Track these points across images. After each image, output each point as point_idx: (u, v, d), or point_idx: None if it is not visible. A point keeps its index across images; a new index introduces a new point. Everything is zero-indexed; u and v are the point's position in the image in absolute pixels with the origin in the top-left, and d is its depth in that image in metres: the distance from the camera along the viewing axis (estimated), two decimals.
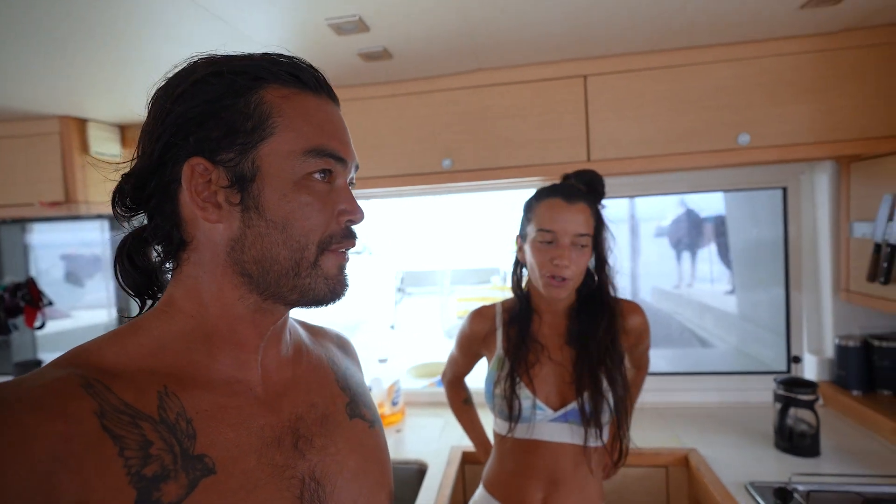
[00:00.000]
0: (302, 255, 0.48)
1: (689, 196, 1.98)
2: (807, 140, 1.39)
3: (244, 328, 0.50)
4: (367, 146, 1.58)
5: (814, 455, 1.40)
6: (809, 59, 1.37)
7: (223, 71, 0.46)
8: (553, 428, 1.06)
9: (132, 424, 0.41)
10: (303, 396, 0.54)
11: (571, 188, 1.07)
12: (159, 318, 0.48)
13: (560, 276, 1.03)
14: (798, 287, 1.78)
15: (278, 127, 0.46)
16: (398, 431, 1.77)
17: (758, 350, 1.97)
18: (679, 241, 2.06)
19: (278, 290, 0.49)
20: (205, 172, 0.46)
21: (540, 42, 1.31)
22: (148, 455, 0.41)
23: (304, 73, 0.49)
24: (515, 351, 1.09)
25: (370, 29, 1.15)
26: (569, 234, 1.02)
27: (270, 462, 0.47)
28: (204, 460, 0.43)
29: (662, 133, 1.44)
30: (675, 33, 1.30)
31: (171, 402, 0.44)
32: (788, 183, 1.75)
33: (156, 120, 0.47)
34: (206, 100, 0.45)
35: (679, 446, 1.50)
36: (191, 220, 0.48)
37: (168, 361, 0.46)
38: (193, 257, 0.48)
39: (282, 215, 0.47)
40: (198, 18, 1.03)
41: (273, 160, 0.46)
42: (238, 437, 0.46)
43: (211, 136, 0.45)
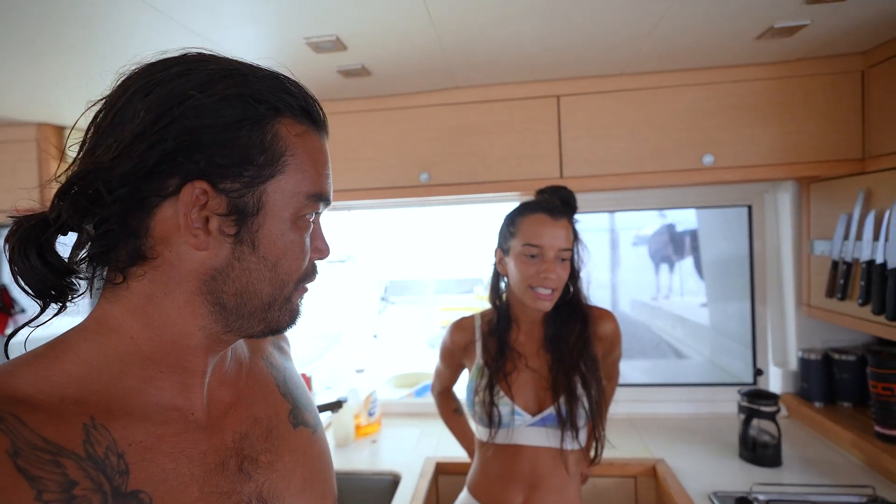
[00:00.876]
0: (281, 292, 0.47)
1: (667, 210, 2.05)
2: (767, 161, 1.46)
3: (196, 356, 0.47)
4: (347, 159, 1.60)
5: (776, 465, 1.45)
6: (768, 86, 1.44)
7: (244, 94, 0.43)
8: (531, 432, 1.10)
9: (52, 463, 0.37)
10: (246, 412, 0.52)
11: (553, 205, 1.12)
12: (87, 337, 0.43)
13: (548, 289, 1.08)
14: (763, 301, 1.84)
15: (288, 166, 0.45)
16: (374, 442, 1.78)
17: (728, 362, 2.02)
18: (657, 254, 2.12)
19: (247, 323, 0.47)
20: (202, 196, 0.42)
21: (513, 63, 1.36)
22: (72, 497, 0.37)
23: (312, 109, 0.48)
24: (494, 361, 1.14)
25: (348, 48, 1.18)
26: (554, 249, 1.08)
27: (215, 489, 0.45)
28: (139, 496, 0.40)
29: (632, 152, 1.50)
30: (643, 58, 1.36)
31: (100, 436, 0.40)
32: (753, 201, 1.82)
33: (154, 122, 0.41)
34: (225, 123, 0.42)
35: (648, 456, 1.54)
36: (163, 238, 0.43)
37: (95, 388, 0.41)
38: (151, 275, 0.44)
39: (275, 253, 0.46)
40: (177, 36, 1.05)
41: (278, 198, 0.45)
42: (178, 467, 0.43)
43: (220, 162, 0.42)
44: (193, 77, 0.42)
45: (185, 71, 0.43)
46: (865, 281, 1.35)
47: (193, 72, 0.43)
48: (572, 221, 1.14)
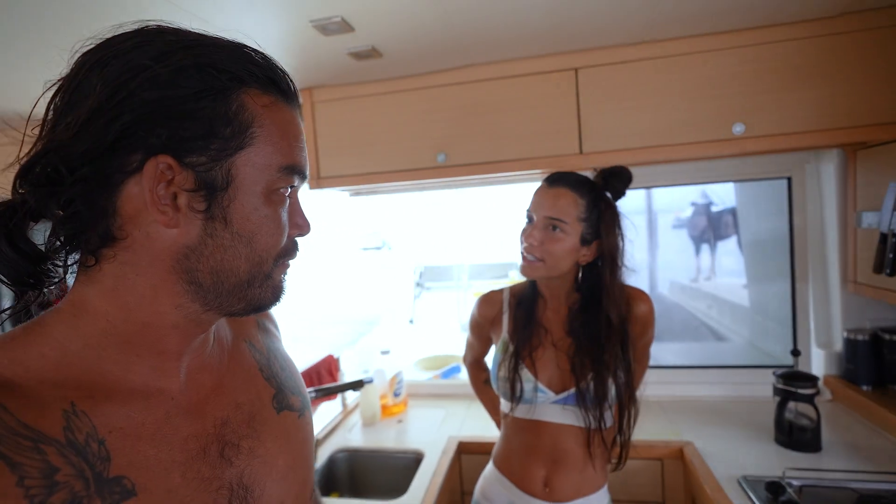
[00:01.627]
0: (260, 268, 0.46)
1: (709, 187, 1.94)
2: (807, 128, 1.36)
3: (172, 337, 0.46)
4: (363, 143, 1.61)
5: (814, 450, 1.37)
6: (806, 45, 1.33)
7: (204, 64, 0.42)
8: (554, 410, 1.09)
9: (33, 449, 0.36)
10: (227, 398, 0.51)
11: (564, 174, 1.08)
12: (63, 320, 0.43)
13: (530, 255, 1.06)
14: (804, 279, 1.73)
15: (257, 138, 0.43)
16: (399, 422, 1.82)
17: (768, 344, 1.92)
18: (696, 234, 2.03)
19: (227, 301, 0.46)
20: (168, 172, 0.41)
21: (526, 36, 1.32)
22: (54, 483, 0.36)
23: (281, 81, 0.46)
24: (520, 334, 1.13)
25: (355, 29, 1.18)
26: (540, 215, 1.06)
27: (197, 476, 0.45)
28: (122, 482, 0.40)
29: (655, 124, 1.43)
30: (665, 22, 1.29)
31: (80, 422, 0.39)
32: (793, 172, 1.70)
33: (111, 97, 0.39)
34: (184, 94, 0.41)
35: (676, 439, 1.49)
36: (131, 217, 0.42)
37: (74, 373, 0.41)
38: (122, 256, 0.43)
39: (249, 229, 0.44)
40: (182, 21, 1.08)
41: (248, 171, 0.43)
42: (159, 453, 0.43)
43: (183, 135, 0.41)
44: (150, 49, 0.41)
45: (142, 43, 0.41)
46: None
47: (150, 43, 0.41)
48: (587, 195, 1.06)
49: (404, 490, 1.37)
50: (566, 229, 1.04)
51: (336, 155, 1.65)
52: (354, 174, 1.63)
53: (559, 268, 1.07)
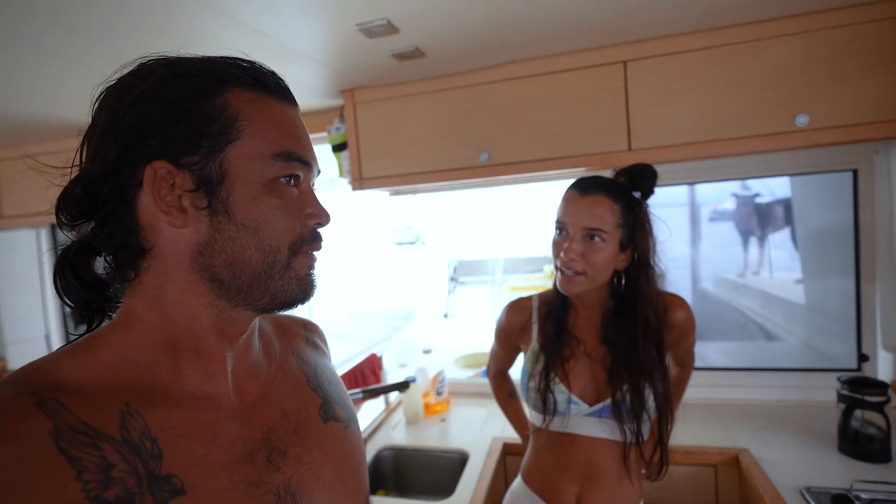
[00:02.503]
0: (275, 258, 0.47)
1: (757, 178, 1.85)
2: (876, 118, 1.26)
3: (211, 338, 0.48)
4: (406, 143, 1.61)
5: (883, 461, 1.29)
6: (877, 29, 1.24)
7: (185, 73, 0.45)
8: (588, 423, 1.05)
9: (91, 446, 0.38)
10: (275, 405, 0.53)
11: (594, 180, 1.04)
12: (119, 331, 0.46)
13: (569, 269, 1.01)
14: (871, 278, 1.63)
15: (245, 130, 0.46)
16: (443, 421, 1.82)
17: (827, 345, 1.82)
18: (744, 226, 1.93)
19: (250, 295, 0.48)
20: (167, 176, 0.44)
21: (573, 30, 1.28)
22: (109, 478, 0.38)
23: (265, 78, 0.48)
24: (551, 345, 1.09)
25: (399, 31, 1.17)
26: (578, 227, 1.00)
27: (244, 479, 0.46)
28: (172, 481, 0.41)
29: (709, 118, 1.36)
30: (721, 9, 1.22)
31: (134, 421, 0.42)
32: (860, 165, 1.60)
33: (110, 122, 0.44)
34: (168, 102, 0.44)
35: (731, 445, 1.44)
36: (150, 227, 0.45)
37: (130, 377, 0.44)
38: (154, 265, 0.46)
39: (253, 218, 0.46)
40: (234, 32, 1.10)
41: (241, 163, 0.46)
42: (208, 454, 0.45)
43: (174, 140, 0.44)
44: (139, 72, 0.46)
45: (135, 70, 0.46)
46: None
47: (140, 68, 0.46)
48: (622, 200, 1.02)
49: (450, 490, 1.38)
50: (606, 238, 1.00)
51: (378, 156, 1.66)
52: (396, 174, 1.63)
53: (600, 278, 1.03)
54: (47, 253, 2.60)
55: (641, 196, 1.05)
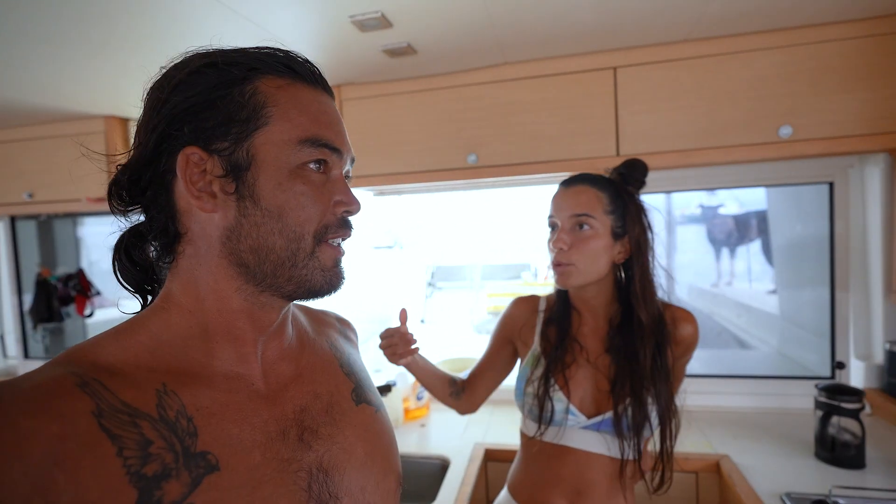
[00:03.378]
0: (298, 245, 0.48)
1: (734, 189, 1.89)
2: (856, 132, 1.31)
3: (242, 322, 0.49)
4: (393, 142, 1.58)
5: (858, 467, 1.32)
6: (858, 45, 1.28)
7: (217, 62, 0.46)
8: (584, 436, 1.00)
9: (131, 424, 0.40)
10: (306, 387, 0.54)
11: (579, 175, 1.03)
12: (157, 314, 0.48)
13: (561, 262, 0.99)
14: (845, 288, 1.67)
15: (273, 116, 0.46)
16: (422, 426, 1.79)
17: (800, 353, 1.87)
18: (718, 237, 1.97)
19: (275, 281, 0.48)
20: (200, 162, 0.46)
21: (567, 34, 1.28)
22: (148, 454, 0.40)
23: (298, 65, 0.49)
24: (553, 349, 1.04)
25: (393, 25, 1.15)
26: (565, 217, 0.98)
27: (276, 456, 0.47)
28: (207, 457, 0.43)
29: (697, 126, 1.38)
30: (710, 21, 1.24)
31: (171, 400, 0.43)
32: (835, 177, 1.65)
33: (151, 111, 0.47)
34: (201, 90, 0.45)
35: (711, 451, 1.45)
36: (186, 211, 0.47)
37: (167, 359, 0.46)
38: (189, 250, 0.48)
39: (277, 204, 0.46)
40: (225, 19, 1.06)
41: (268, 149, 0.46)
42: (241, 432, 0.46)
43: (206, 126, 0.45)
44: (178, 64, 0.48)
45: (174, 63, 0.48)
46: None
47: (179, 61, 0.48)
48: (607, 189, 0.99)
49: (432, 497, 1.34)
50: (594, 224, 0.97)
51: (364, 154, 1.62)
52: (382, 174, 1.60)
53: (596, 269, 0.99)
54: (3, 248, 2.46)
55: (634, 189, 1.03)
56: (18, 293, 2.48)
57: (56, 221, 2.55)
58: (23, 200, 2.00)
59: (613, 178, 1.03)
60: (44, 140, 1.96)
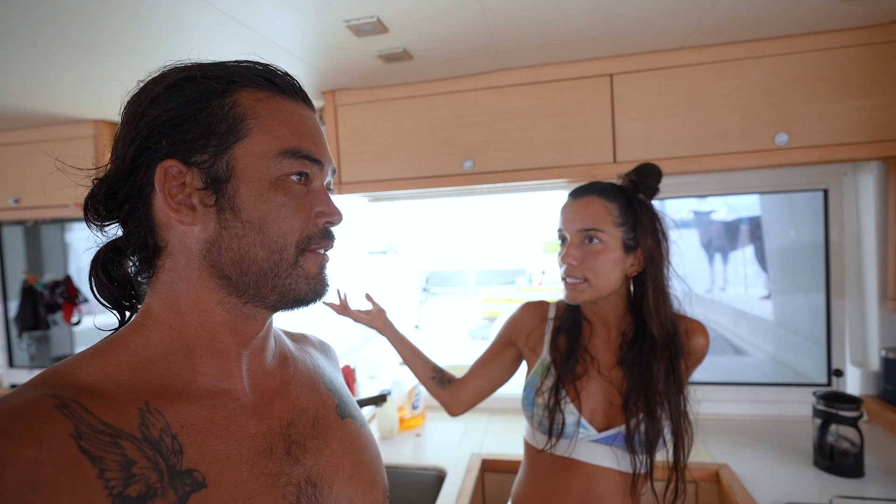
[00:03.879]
0: (281, 255, 0.48)
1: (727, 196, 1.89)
2: (850, 140, 1.31)
3: (225, 335, 0.49)
4: (388, 148, 1.57)
5: (857, 475, 1.31)
6: (853, 54, 1.29)
7: (196, 75, 0.46)
8: (594, 449, 0.98)
9: (112, 444, 0.39)
10: (292, 402, 0.54)
11: (587, 185, 1.00)
12: (137, 330, 0.47)
13: (571, 277, 0.97)
14: (840, 295, 1.68)
15: (252, 129, 0.47)
16: (418, 436, 1.76)
17: (795, 360, 1.86)
18: (712, 244, 1.97)
19: (258, 292, 0.48)
20: (178, 175, 0.45)
21: (564, 40, 1.27)
22: (131, 475, 0.39)
23: (277, 78, 0.49)
24: (563, 360, 1.01)
25: (389, 30, 1.13)
26: (574, 231, 0.96)
27: (264, 471, 0.47)
28: (193, 475, 0.42)
29: (693, 133, 1.38)
30: (708, 29, 1.24)
31: (154, 419, 0.42)
32: (830, 184, 1.65)
33: (128, 124, 0.46)
34: (180, 103, 0.45)
35: (709, 461, 1.44)
36: (164, 225, 0.47)
37: (148, 376, 0.45)
38: (168, 263, 0.48)
39: (258, 216, 0.47)
40: (218, 23, 1.04)
41: (248, 161, 0.46)
42: (228, 448, 0.45)
43: (184, 139, 0.45)
44: (156, 78, 0.47)
45: (152, 77, 0.48)
46: None
47: (158, 75, 0.48)
48: (616, 200, 0.96)
49: None
50: (604, 238, 0.95)
51: (359, 160, 1.60)
52: (377, 180, 1.58)
53: (607, 285, 0.96)
54: None
55: (646, 196, 1.00)
56: (3, 300, 2.43)
57: (43, 227, 2.50)
58: (8, 206, 1.95)
59: (625, 186, 1.00)
60: (30, 144, 1.92)
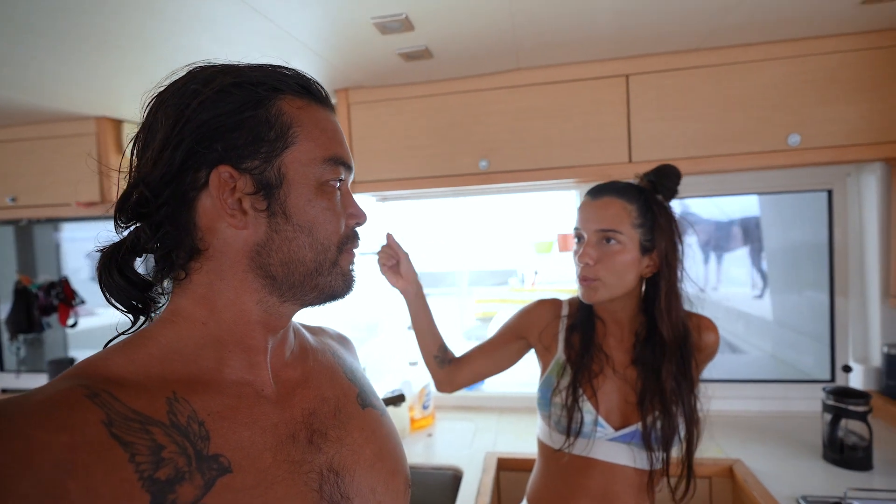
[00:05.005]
0: (325, 256, 0.51)
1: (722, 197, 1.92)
2: (858, 141, 1.34)
3: (256, 331, 0.51)
4: (404, 146, 1.56)
5: (866, 469, 1.34)
6: (866, 57, 1.32)
7: (243, 81, 0.48)
8: (611, 448, 0.99)
9: (142, 431, 0.41)
10: (313, 392, 0.56)
11: (606, 184, 1.01)
12: (166, 326, 0.49)
13: (587, 276, 0.98)
14: (844, 293, 1.72)
15: (298, 136, 0.49)
16: (429, 436, 1.75)
17: (794, 357, 1.90)
18: (708, 244, 2.00)
19: (300, 290, 0.51)
20: (230, 180, 0.47)
21: (583, 40, 1.28)
22: (160, 459, 0.41)
23: (311, 86, 0.52)
24: (579, 359, 1.02)
25: (415, 28, 1.13)
26: (591, 231, 0.97)
27: (287, 458, 0.48)
28: (219, 460, 0.44)
29: (707, 134, 1.40)
30: (724, 31, 1.26)
31: (182, 407, 0.44)
32: (834, 185, 1.69)
33: (173, 127, 0.47)
34: (230, 109, 0.47)
35: (722, 456, 1.46)
36: (208, 228, 0.48)
37: (176, 368, 0.46)
38: (208, 265, 0.49)
39: (308, 220, 0.49)
40: (240, 16, 1.02)
41: (297, 168, 0.49)
42: (252, 435, 0.47)
43: (236, 145, 0.47)
44: (198, 78, 0.48)
45: (191, 78, 0.49)
46: None
47: (198, 76, 0.49)
48: (636, 201, 0.97)
49: None
50: (622, 240, 0.96)
51: (372, 159, 1.59)
52: (391, 179, 1.58)
53: (623, 285, 0.98)
54: None
55: (664, 198, 1.01)
56: None
57: (36, 227, 2.43)
58: (5, 204, 1.90)
59: (643, 187, 1.01)
60: (30, 141, 1.86)
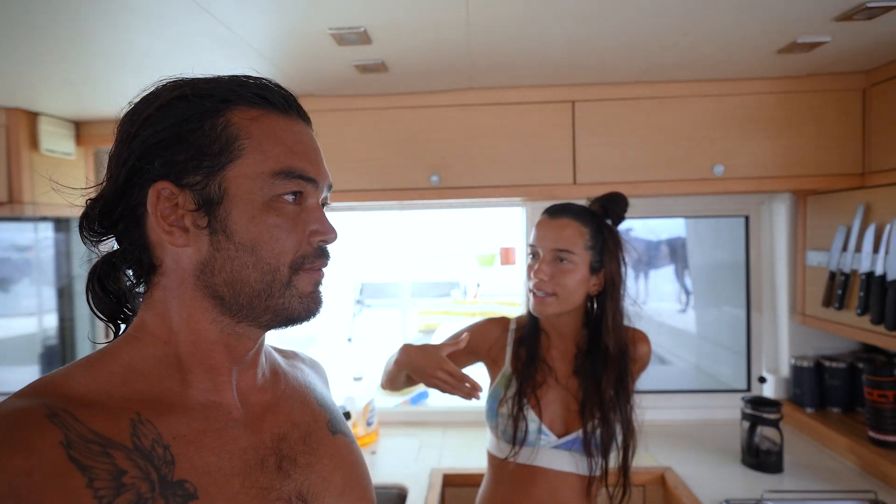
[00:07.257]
0: (274, 276, 0.48)
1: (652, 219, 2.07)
2: (772, 174, 1.49)
3: (217, 352, 0.49)
4: (355, 158, 1.54)
5: (778, 471, 1.47)
6: (777, 99, 1.48)
7: (188, 94, 0.46)
8: (555, 455, 1.04)
9: (102, 454, 0.39)
10: (284, 416, 0.54)
11: (563, 205, 1.08)
12: (130, 343, 0.48)
13: (541, 291, 1.03)
14: (758, 309, 1.89)
15: (245, 149, 0.46)
16: (373, 453, 1.71)
17: (716, 368, 2.06)
18: (637, 261, 2.14)
19: (251, 312, 0.48)
20: (171, 196, 0.45)
21: (534, 65, 1.34)
22: (121, 484, 0.39)
23: (271, 94, 0.49)
24: (524, 370, 1.07)
25: (372, 42, 1.12)
26: (547, 249, 1.04)
27: (255, 484, 0.47)
28: (184, 486, 0.42)
29: (644, 160, 1.50)
30: (661, 68, 1.36)
31: (146, 429, 0.42)
32: (750, 212, 1.87)
33: (121, 144, 0.46)
34: (172, 123, 0.45)
35: (654, 464, 1.54)
36: (158, 245, 0.47)
37: (140, 388, 0.45)
38: (163, 282, 0.48)
39: (250, 238, 0.46)
40: (186, 14, 0.96)
41: (240, 183, 0.46)
42: (220, 460, 0.45)
43: (177, 160, 0.45)
44: (147, 96, 0.47)
45: (144, 94, 0.48)
46: (864, 291, 1.39)
47: (149, 92, 0.47)
48: (590, 224, 1.05)
49: None
50: (574, 259, 1.03)
51: None
52: (341, 190, 1.54)
53: (572, 301, 1.04)
54: None
55: (612, 223, 1.09)
56: None
57: None
58: None
59: (595, 211, 1.08)
60: None
